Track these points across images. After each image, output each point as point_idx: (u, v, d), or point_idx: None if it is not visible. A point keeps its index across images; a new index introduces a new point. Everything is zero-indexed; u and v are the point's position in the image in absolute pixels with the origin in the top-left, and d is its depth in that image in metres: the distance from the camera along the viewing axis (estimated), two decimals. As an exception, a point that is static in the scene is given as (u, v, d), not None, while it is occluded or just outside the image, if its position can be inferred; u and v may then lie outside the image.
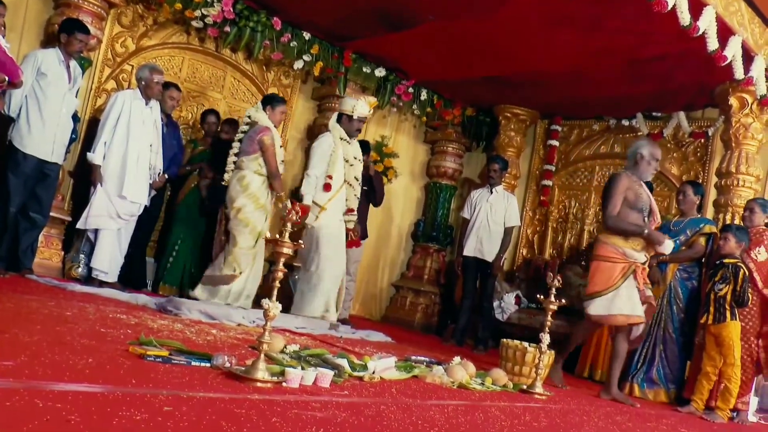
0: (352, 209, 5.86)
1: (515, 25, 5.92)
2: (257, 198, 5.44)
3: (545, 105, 7.98)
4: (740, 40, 5.59)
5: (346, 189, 5.81)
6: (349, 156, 5.81)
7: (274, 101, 5.75)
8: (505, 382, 3.98)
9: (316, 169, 5.67)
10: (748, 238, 5.20)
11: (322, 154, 5.69)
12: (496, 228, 6.85)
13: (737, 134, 6.28)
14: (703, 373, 5.11)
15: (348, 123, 5.81)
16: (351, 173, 5.81)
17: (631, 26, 5.49)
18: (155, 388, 2.13)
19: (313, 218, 5.66)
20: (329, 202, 5.67)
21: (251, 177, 5.44)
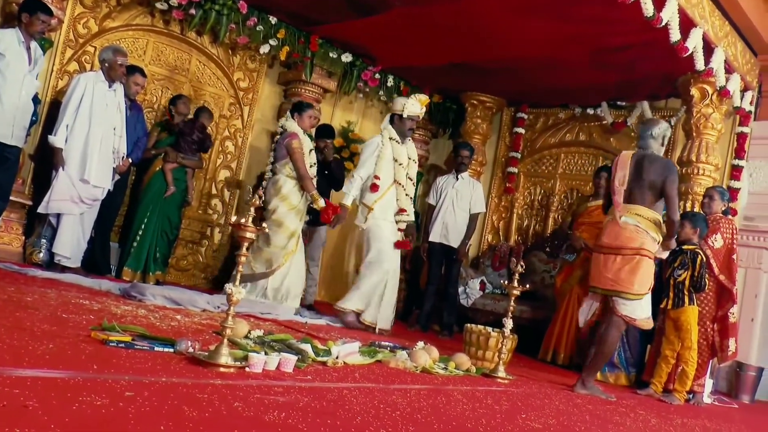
0: (404, 209, 5.75)
1: (482, 12, 5.96)
2: (289, 200, 5.68)
3: (512, 93, 8.05)
4: (701, 32, 5.73)
5: (396, 189, 5.73)
6: (400, 156, 5.73)
7: (301, 108, 6.02)
8: (469, 366, 4.04)
9: (362, 170, 5.67)
10: (706, 225, 5.34)
11: (369, 155, 5.70)
12: (462, 214, 6.91)
13: (698, 124, 6.44)
14: (662, 356, 5.26)
15: (399, 123, 5.76)
16: (401, 173, 5.72)
17: (597, 15, 5.58)
18: (117, 374, 2.12)
19: (362, 219, 5.67)
20: (376, 203, 5.63)
21: (283, 180, 5.72)
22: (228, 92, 7.35)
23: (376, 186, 5.62)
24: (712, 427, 4.20)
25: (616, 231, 4.47)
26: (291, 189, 5.72)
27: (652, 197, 4.46)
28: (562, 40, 6.18)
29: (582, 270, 6.25)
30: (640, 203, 4.46)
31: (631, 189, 4.50)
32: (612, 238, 4.48)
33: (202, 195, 7.20)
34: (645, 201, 4.47)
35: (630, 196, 4.49)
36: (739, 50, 6.59)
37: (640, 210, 4.44)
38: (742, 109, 6.86)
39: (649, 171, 4.46)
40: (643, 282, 4.40)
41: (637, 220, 4.43)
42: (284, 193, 5.71)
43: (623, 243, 4.42)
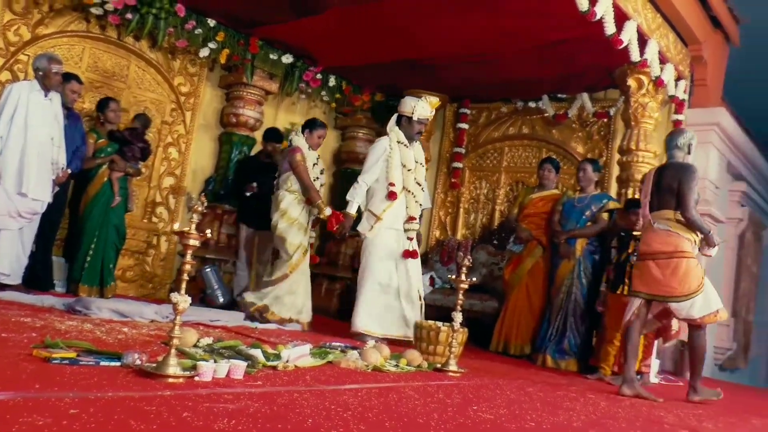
0: (414, 217, 5.49)
1: (422, 8, 6.02)
2: (288, 214, 5.63)
3: (454, 89, 8.14)
4: (635, 25, 5.90)
5: (406, 196, 5.47)
6: (408, 161, 5.48)
7: (314, 126, 5.94)
8: (420, 362, 4.08)
9: (367, 175, 5.45)
10: None
11: (375, 160, 5.47)
12: None
13: (636, 113, 6.63)
14: (608, 340, 5.40)
15: (408, 125, 5.55)
16: (410, 179, 5.46)
17: (534, 10, 5.69)
18: (60, 391, 2.08)
19: (367, 228, 5.43)
20: (385, 212, 5.40)
21: (283, 194, 5.68)
22: (169, 97, 7.25)
23: (394, 194, 5.35)
24: (659, 405, 4.32)
25: (651, 237, 4.67)
26: (290, 203, 5.66)
27: (673, 200, 4.61)
28: (500, 35, 6.28)
29: (530, 260, 6.38)
30: (666, 208, 4.64)
31: (656, 197, 4.71)
32: (647, 245, 4.67)
33: (146, 203, 7.08)
34: (668, 204, 4.64)
35: (657, 203, 4.70)
36: (671, 41, 6.80)
37: (668, 214, 4.62)
38: (677, 97, 7.09)
39: (666, 177, 4.68)
40: (685, 282, 4.50)
41: (668, 224, 4.61)
42: (283, 208, 5.66)
43: (659, 248, 4.60)
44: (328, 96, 8.28)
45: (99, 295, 5.64)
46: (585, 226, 6.00)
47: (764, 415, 4.84)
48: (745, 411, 4.96)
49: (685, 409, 4.33)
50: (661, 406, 4.29)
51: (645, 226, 4.80)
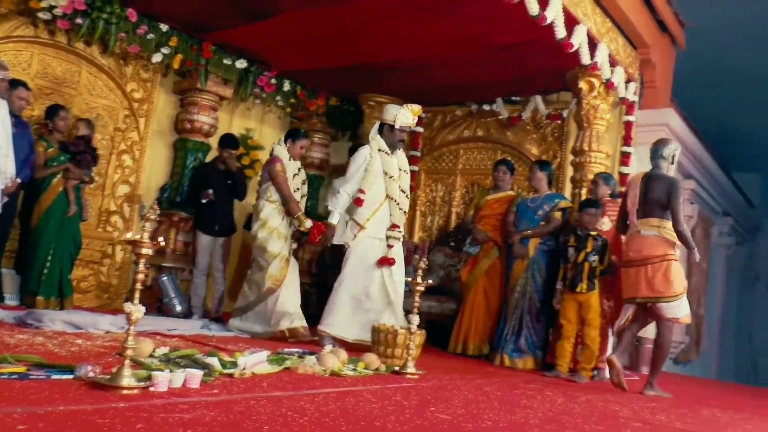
0: (397, 225, 5.45)
1: (374, 13, 6.04)
2: (269, 223, 5.60)
3: (408, 92, 8.11)
4: (585, 29, 6.02)
5: (389, 204, 5.42)
6: (391, 169, 5.43)
7: (296, 136, 5.91)
8: (378, 365, 4.10)
9: (348, 185, 5.41)
10: (602, 209, 5.65)
11: (356, 169, 5.43)
12: None
13: (588, 115, 6.76)
14: (565, 337, 5.50)
15: (390, 133, 5.48)
16: (394, 187, 5.42)
17: (486, 15, 5.75)
18: (8, 407, 2.04)
19: (350, 236, 5.38)
20: (368, 221, 5.36)
21: (263, 204, 5.66)
22: (122, 104, 7.14)
23: (360, 201, 5.34)
24: (614, 400, 4.41)
25: (640, 243, 4.98)
26: (270, 212, 5.63)
27: (661, 211, 4.98)
28: (453, 39, 6.34)
29: (486, 261, 6.45)
30: (652, 216, 5.00)
31: (643, 206, 5.04)
32: (637, 251, 4.98)
33: (101, 212, 6.97)
34: (656, 214, 4.99)
35: (643, 211, 5.04)
36: (620, 45, 6.96)
37: (654, 222, 4.99)
38: (627, 99, 7.25)
39: (654, 189, 4.99)
40: (677, 283, 4.87)
41: (656, 230, 4.97)
42: (263, 217, 5.63)
43: (649, 253, 4.93)
44: (282, 101, 8.26)
45: (59, 307, 5.51)
46: (538, 226, 6.10)
47: (713, 405, 4.99)
48: (695, 402, 5.11)
49: (640, 403, 4.44)
50: (616, 400, 4.39)
51: (631, 233, 5.11)
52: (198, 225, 6.83)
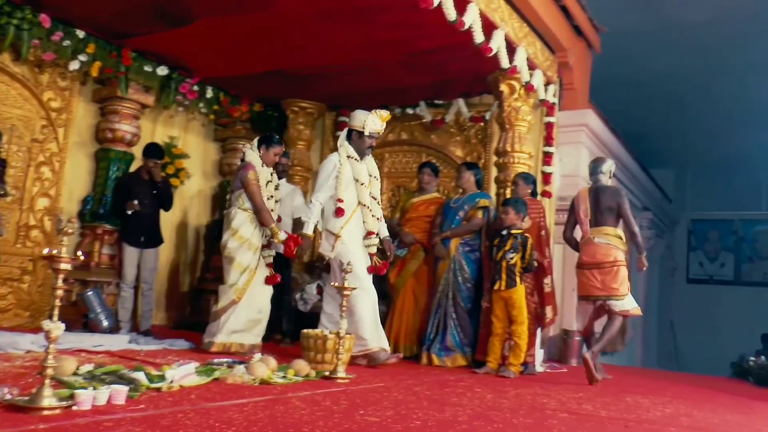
0: (373, 232, 5.39)
1: (291, 19, 6.03)
2: (240, 233, 5.40)
3: (331, 97, 8.20)
4: (503, 33, 6.15)
5: (362, 211, 5.37)
6: (361, 175, 5.38)
7: (270, 142, 5.69)
8: (308, 371, 4.11)
9: (320, 193, 5.33)
10: (526, 208, 5.80)
11: (326, 177, 5.35)
12: (286, 221, 6.93)
13: (510, 117, 6.91)
14: (495, 334, 5.62)
15: (359, 140, 5.43)
16: (365, 194, 5.36)
17: (404, 21, 5.81)
18: None
19: (329, 248, 5.29)
20: (343, 229, 5.27)
21: (235, 212, 5.45)
22: (39, 114, 6.88)
23: (341, 210, 5.25)
24: (542, 392, 4.55)
25: (594, 249, 5.78)
26: (242, 221, 5.43)
27: (612, 218, 5.80)
28: (373, 44, 6.39)
29: (414, 263, 6.52)
30: (604, 224, 5.79)
31: (595, 215, 5.84)
32: (591, 256, 5.79)
33: (19, 227, 6.71)
34: (607, 222, 5.79)
35: (595, 221, 5.82)
36: (538, 49, 7.14)
37: (607, 230, 5.78)
38: (547, 101, 7.46)
39: (604, 199, 5.82)
40: (624, 284, 5.74)
41: (607, 239, 5.77)
42: (234, 226, 5.41)
43: (601, 259, 5.74)
44: (206, 108, 8.16)
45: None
46: (459, 225, 6.22)
47: (636, 392, 5.17)
48: (620, 390, 5.27)
49: (567, 394, 4.58)
50: (544, 393, 4.52)
51: (586, 240, 5.85)
52: (123, 237, 6.67)
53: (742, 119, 13.93)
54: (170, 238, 7.68)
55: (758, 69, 11.55)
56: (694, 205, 16.98)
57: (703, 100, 13.20)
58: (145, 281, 6.57)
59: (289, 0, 5.66)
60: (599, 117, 9.06)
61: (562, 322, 7.75)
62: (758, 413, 4.73)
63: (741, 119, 13.95)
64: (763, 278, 16.19)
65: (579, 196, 6.01)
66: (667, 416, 3.99)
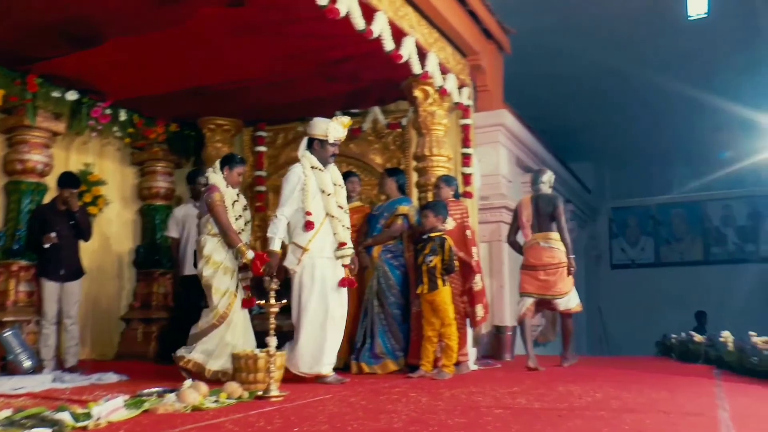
0: (344, 242, 5.23)
1: (204, 36, 5.97)
2: (213, 259, 5.34)
3: (248, 112, 8.11)
4: (413, 40, 6.23)
5: (330, 222, 5.21)
6: (326, 185, 5.25)
7: (233, 162, 5.61)
8: (240, 393, 4.05)
9: (285, 207, 5.16)
10: (446, 209, 5.88)
11: (291, 190, 5.19)
12: None
13: (426, 122, 7.00)
14: (426, 338, 5.67)
15: (321, 149, 5.30)
16: (332, 204, 5.22)
17: (314, 32, 5.81)
18: None
19: (294, 261, 5.13)
20: (311, 242, 5.13)
21: (205, 239, 5.40)
22: (-60, 147, 6.58)
23: (311, 223, 5.11)
24: (477, 390, 4.59)
25: (540, 252, 6.46)
26: (213, 247, 5.34)
27: (550, 223, 6.48)
28: (286, 56, 6.38)
29: (344, 273, 6.52)
30: (546, 230, 6.48)
31: (537, 221, 6.51)
32: (537, 259, 6.46)
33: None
34: (550, 228, 6.48)
35: (538, 226, 6.51)
36: (449, 53, 7.26)
37: (551, 235, 6.48)
38: (462, 104, 7.57)
39: (543, 206, 6.51)
40: (567, 282, 6.44)
41: (549, 242, 6.46)
42: (206, 254, 5.33)
43: (548, 261, 6.42)
44: (120, 131, 7.95)
45: None
46: (381, 233, 6.26)
47: (568, 381, 5.25)
48: (552, 380, 5.37)
49: (501, 389, 4.64)
50: (479, 391, 4.57)
51: (531, 244, 6.51)
52: (41, 272, 6.41)
53: (654, 111, 14.54)
54: (92, 269, 7.42)
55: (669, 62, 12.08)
56: (613, 194, 17.60)
57: (616, 94, 13.72)
58: (68, 316, 6.34)
59: (200, 16, 5.59)
60: (515, 116, 9.30)
61: (494, 318, 7.90)
62: (681, 389, 4.91)
63: (653, 111, 14.56)
64: (680, 258, 16.92)
65: (522, 204, 6.66)
66: (598, 401, 4.09)
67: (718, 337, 6.88)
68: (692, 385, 5.20)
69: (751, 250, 15.95)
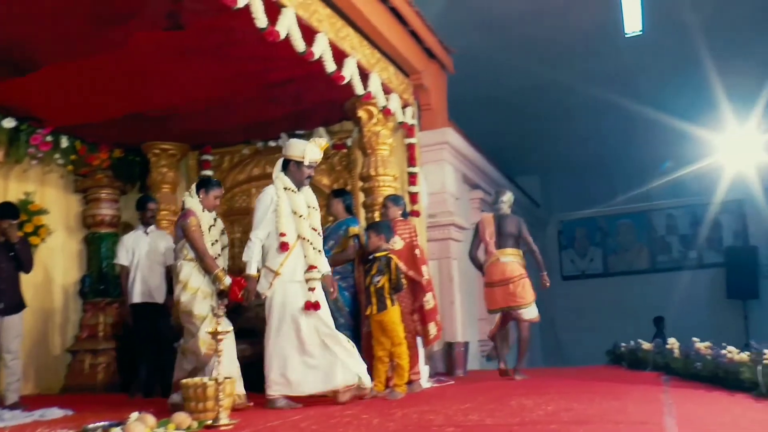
0: (314, 266, 5.14)
1: (143, 60, 5.89)
2: (190, 284, 5.20)
3: (192, 136, 8.00)
4: (354, 61, 6.26)
5: (302, 245, 5.13)
6: (300, 207, 5.17)
7: (209, 185, 5.51)
8: (189, 423, 3.96)
9: (258, 230, 5.11)
10: (390, 230, 5.89)
11: (264, 212, 5.14)
12: (159, 268, 6.74)
13: (371, 142, 7.03)
14: (377, 358, 5.66)
15: (297, 170, 5.26)
16: (304, 226, 5.14)
17: (255, 54, 5.78)
18: None
19: (267, 285, 5.06)
20: (283, 266, 5.06)
21: (180, 265, 5.28)
22: None
23: (285, 245, 5.05)
24: (429, 409, 4.59)
25: (502, 268, 6.90)
26: (189, 272, 5.22)
27: (512, 241, 6.97)
28: (228, 79, 6.33)
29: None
30: (506, 246, 6.95)
31: (499, 239, 6.96)
32: (500, 274, 6.90)
33: None
34: (509, 244, 6.96)
35: (499, 243, 6.96)
36: (392, 73, 7.32)
37: (510, 251, 6.97)
38: (406, 123, 7.65)
39: (507, 225, 6.99)
40: (529, 293, 6.88)
41: (511, 257, 6.94)
42: (183, 279, 5.21)
43: (509, 275, 6.87)
44: (62, 158, 7.77)
45: None
46: (332, 255, 6.22)
47: (520, 394, 5.28)
48: (505, 395, 5.40)
49: (454, 407, 4.65)
50: (431, 409, 4.57)
51: (492, 261, 6.93)
52: (-21, 307, 6.21)
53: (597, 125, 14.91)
54: (35, 301, 7.20)
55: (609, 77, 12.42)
56: (561, 206, 17.91)
57: (560, 109, 14.03)
58: (9, 351, 6.12)
59: (138, 40, 5.53)
60: (460, 133, 9.42)
61: (445, 334, 7.92)
62: (630, 397, 5.00)
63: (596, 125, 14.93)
64: (628, 267, 17.28)
65: (484, 221, 7.10)
66: (550, 414, 4.13)
67: (665, 345, 7.07)
68: (641, 392, 5.30)
69: (694, 257, 16.39)
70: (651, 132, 13.84)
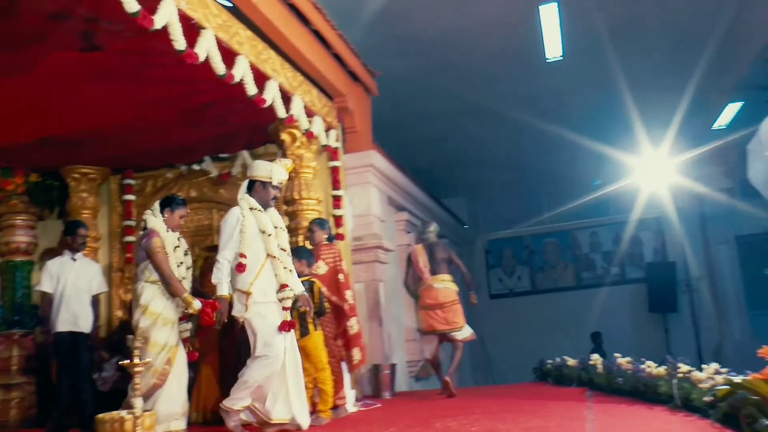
0: (286, 285, 5.03)
1: (57, 82, 5.68)
2: (151, 309, 5.02)
3: (113, 160, 7.79)
4: (276, 84, 6.23)
5: (272, 263, 5.02)
6: (267, 226, 5.08)
7: (173, 204, 5.36)
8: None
9: (226, 251, 4.98)
10: (311, 254, 5.86)
11: (230, 233, 5.03)
12: (86, 296, 6.50)
13: (294, 165, 6.99)
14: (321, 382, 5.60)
15: (263, 191, 5.21)
16: (272, 245, 5.05)
17: (175, 77, 5.67)
18: None
19: (242, 309, 4.91)
20: (253, 286, 4.93)
21: (142, 287, 5.09)
22: None
23: (242, 266, 4.95)
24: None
25: (436, 293, 7.35)
26: (152, 296, 5.04)
27: (445, 267, 7.47)
28: (147, 102, 6.18)
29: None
30: (440, 272, 7.43)
31: (432, 266, 7.44)
32: (434, 299, 7.34)
33: None
34: (442, 270, 7.44)
35: (433, 270, 7.43)
36: (315, 96, 7.33)
37: (443, 277, 7.45)
38: (330, 146, 7.67)
39: (437, 252, 7.53)
40: (461, 316, 7.38)
41: (445, 284, 7.41)
42: (143, 303, 5.02)
43: (443, 300, 7.33)
44: (-24, 184, 7.46)
45: None
46: None
47: (446, 416, 5.33)
48: (430, 417, 5.43)
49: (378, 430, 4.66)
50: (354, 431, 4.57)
51: (426, 286, 7.38)
52: None
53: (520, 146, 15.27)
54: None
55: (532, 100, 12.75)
56: (487, 226, 18.19)
57: (484, 130, 14.29)
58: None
59: (53, 61, 5.34)
60: (384, 156, 9.48)
61: (373, 357, 7.92)
62: (554, 414, 5.11)
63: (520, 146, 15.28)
64: (555, 285, 17.66)
65: (416, 251, 7.57)
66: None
67: (588, 361, 7.24)
68: (565, 409, 5.41)
69: (617, 272, 16.89)
70: (573, 153, 14.25)
